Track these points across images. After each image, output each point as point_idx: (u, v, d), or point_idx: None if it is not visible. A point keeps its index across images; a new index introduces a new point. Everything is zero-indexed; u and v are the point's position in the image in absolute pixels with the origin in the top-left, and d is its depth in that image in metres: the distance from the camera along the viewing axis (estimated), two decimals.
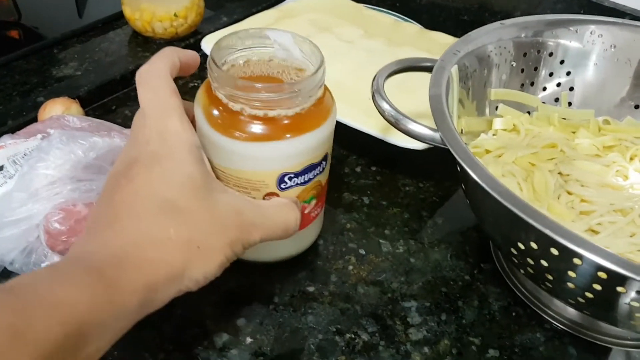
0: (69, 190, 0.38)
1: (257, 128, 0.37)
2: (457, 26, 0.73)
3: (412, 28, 0.69)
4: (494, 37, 0.48)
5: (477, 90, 0.48)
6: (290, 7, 0.72)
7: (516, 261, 0.39)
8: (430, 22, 0.73)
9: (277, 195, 0.40)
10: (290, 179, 0.40)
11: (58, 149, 0.39)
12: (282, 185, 0.40)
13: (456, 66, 0.44)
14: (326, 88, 0.41)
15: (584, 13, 0.65)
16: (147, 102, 0.35)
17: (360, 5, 0.73)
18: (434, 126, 0.41)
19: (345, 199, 0.53)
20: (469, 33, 0.48)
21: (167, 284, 0.32)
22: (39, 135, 0.45)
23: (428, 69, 0.44)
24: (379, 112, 0.42)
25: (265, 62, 0.40)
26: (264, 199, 0.40)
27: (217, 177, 0.40)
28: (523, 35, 0.49)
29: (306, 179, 0.41)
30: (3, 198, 0.40)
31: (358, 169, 0.57)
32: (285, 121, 0.38)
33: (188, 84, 0.65)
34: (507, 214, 0.34)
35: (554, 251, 0.34)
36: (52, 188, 0.38)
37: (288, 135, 0.38)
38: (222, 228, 0.34)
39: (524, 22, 0.50)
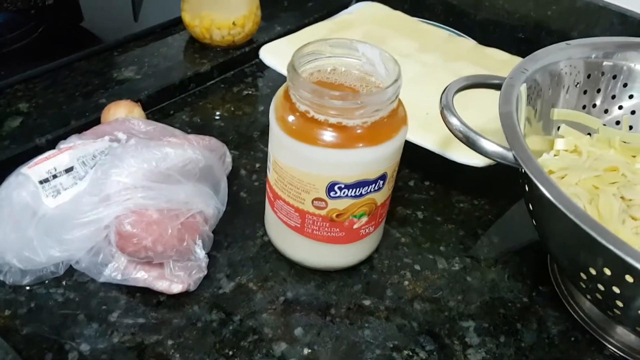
0: (139, 197, 0.39)
1: (312, 130, 0.39)
2: (512, 44, 0.73)
3: (467, 43, 0.69)
4: (564, 56, 0.47)
5: (544, 109, 0.47)
6: (344, 19, 0.72)
7: (584, 286, 0.38)
8: (484, 38, 0.72)
9: (326, 202, 0.41)
10: (340, 189, 0.40)
11: (132, 157, 0.40)
12: (332, 194, 0.41)
13: (525, 85, 0.44)
14: (398, 113, 0.41)
15: None
16: None
17: (415, 19, 0.73)
18: (500, 142, 0.41)
19: (398, 213, 0.53)
20: (536, 52, 0.48)
21: None
22: (107, 137, 0.46)
23: (496, 86, 0.44)
24: (448, 128, 0.42)
25: (350, 72, 0.41)
26: (312, 203, 0.41)
27: (275, 171, 0.42)
28: (594, 55, 0.49)
29: (357, 194, 0.41)
30: (74, 199, 0.41)
31: (411, 183, 0.57)
32: (343, 131, 0.38)
33: (242, 92, 0.66)
34: (584, 237, 0.33)
35: (629, 278, 0.33)
36: (123, 194, 0.39)
37: (340, 145, 0.38)
38: None
39: (593, 43, 0.49)
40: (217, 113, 0.63)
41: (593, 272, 0.36)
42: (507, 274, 0.48)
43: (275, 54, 0.63)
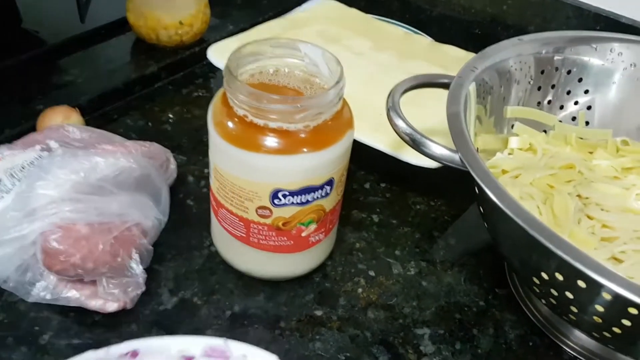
0: (66, 210, 0.36)
1: (252, 136, 0.37)
2: (468, 39, 0.71)
3: (423, 41, 0.67)
4: (514, 53, 0.46)
5: (495, 106, 0.46)
6: (298, 17, 0.70)
7: (538, 291, 0.37)
8: (441, 34, 0.71)
9: (270, 210, 0.39)
10: (284, 196, 0.38)
11: (59, 168, 0.37)
12: (276, 202, 0.39)
13: (474, 84, 0.42)
14: (343, 115, 0.39)
15: (600, 29, 0.63)
16: None
17: (369, 16, 0.72)
18: (449, 144, 0.39)
19: (353, 217, 0.51)
20: (486, 49, 0.46)
21: None
22: (38, 147, 0.43)
23: (445, 86, 0.43)
24: (394, 130, 0.40)
25: (293, 74, 0.40)
26: (256, 211, 0.39)
27: (217, 179, 0.40)
28: (544, 51, 0.47)
29: (303, 200, 0.39)
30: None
31: (367, 185, 0.55)
32: (284, 136, 0.36)
33: (192, 93, 0.64)
34: (533, 243, 0.32)
35: (581, 284, 0.32)
36: (49, 208, 0.36)
37: (282, 151, 0.37)
38: None
39: (544, 38, 0.48)
40: (165, 116, 0.60)
41: (545, 277, 0.35)
42: (464, 277, 0.47)
43: (225, 54, 0.60)
